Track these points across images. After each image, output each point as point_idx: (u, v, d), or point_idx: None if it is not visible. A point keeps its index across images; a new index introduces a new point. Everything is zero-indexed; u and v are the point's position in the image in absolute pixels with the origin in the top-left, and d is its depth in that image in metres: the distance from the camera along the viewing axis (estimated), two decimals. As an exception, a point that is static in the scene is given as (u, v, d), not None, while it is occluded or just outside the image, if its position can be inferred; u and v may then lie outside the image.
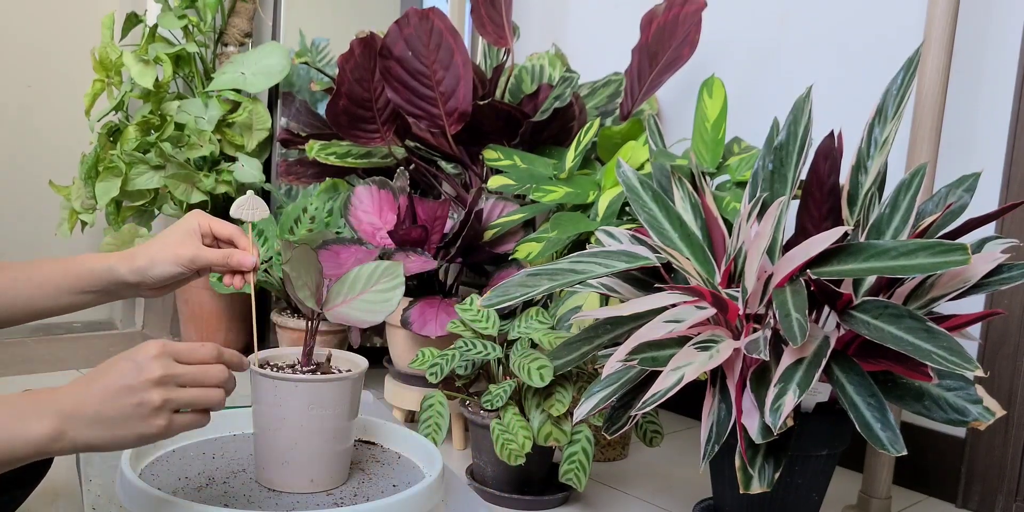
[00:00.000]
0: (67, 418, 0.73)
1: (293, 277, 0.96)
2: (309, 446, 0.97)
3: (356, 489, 1.00)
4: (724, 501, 1.19)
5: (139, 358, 0.76)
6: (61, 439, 0.73)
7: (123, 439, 0.75)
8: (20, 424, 0.72)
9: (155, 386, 0.75)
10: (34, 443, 0.72)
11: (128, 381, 0.75)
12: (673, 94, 1.89)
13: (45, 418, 0.73)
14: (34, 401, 0.74)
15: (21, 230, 2.51)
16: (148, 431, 0.76)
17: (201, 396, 0.78)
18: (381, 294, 1.01)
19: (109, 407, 0.74)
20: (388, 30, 1.63)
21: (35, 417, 0.73)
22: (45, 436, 0.72)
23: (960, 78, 1.46)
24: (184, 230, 0.98)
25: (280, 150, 2.13)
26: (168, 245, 0.96)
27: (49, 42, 2.48)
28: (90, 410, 0.74)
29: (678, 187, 1.20)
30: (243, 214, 1.01)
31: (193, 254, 0.96)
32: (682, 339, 1.03)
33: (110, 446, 0.75)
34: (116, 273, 0.96)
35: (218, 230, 1.00)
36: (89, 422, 0.74)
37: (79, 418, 0.74)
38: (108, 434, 0.75)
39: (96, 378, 0.76)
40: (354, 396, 1.00)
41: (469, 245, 1.62)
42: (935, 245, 0.97)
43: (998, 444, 1.44)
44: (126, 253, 0.97)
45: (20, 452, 0.72)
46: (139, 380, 0.75)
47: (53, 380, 1.93)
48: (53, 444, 0.73)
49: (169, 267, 0.96)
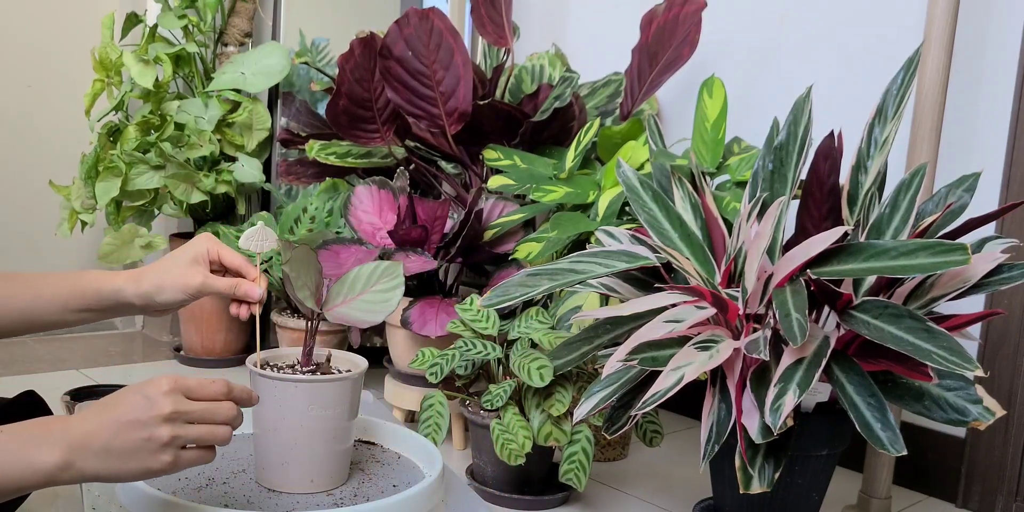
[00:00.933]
0: (76, 449, 0.74)
1: (293, 277, 0.96)
2: (309, 446, 0.97)
3: (356, 489, 1.00)
4: (724, 501, 1.19)
5: (151, 392, 0.77)
6: (69, 469, 0.74)
7: (129, 472, 0.76)
8: (29, 453, 0.73)
9: (165, 422, 0.76)
10: (43, 472, 0.73)
11: (138, 415, 0.76)
12: (673, 94, 1.89)
13: (55, 448, 0.73)
14: (45, 431, 0.75)
15: (21, 230, 2.51)
16: (154, 466, 0.76)
17: (209, 433, 0.79)
18: (381, 294, 1.01)
19: (118, 440, 0.75)
20: (388, 30, 1.63)
21: (45, 447, 0.73)
22: (53, 466, 0.73)
23: (960, 78, 1.46)
24: (192, 256, 0.98)
25: (280, 150, 2.13)
26: (176, 272, 0.97)
27: (49, 42, 2.48)
28: (99, 442, 0.75)
29: (678, 187, 1.20)
30: (252, 245, 1.00)
31: (201, 283, 0.96)
32: (682, 339, 1.03)
33: (117, 478, 0.76)
34: (123, 296, 0.97)
35: (227, 259, 1.00)
36: (97, 454, 0.75)
37: (88, 450, 0.74)
38: (115, 466, 0.75)
39: (107, 410, 0.77)
40: (354, 396, 1.00)
41: (469, 245, 1.62)
42: (935, 245, 0.97)
43: (998, 444, 1.44)
44: (133, 275, 0.97)
45: (28, 481, 0.73)
46: (149, 415, 0.76)
47: (53, 380, 1.93)
48: (61, 474, 0.74)
49: (176, 294, 0.96)
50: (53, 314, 0.97)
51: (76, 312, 0.98)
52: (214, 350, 2.13)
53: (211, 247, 0.99)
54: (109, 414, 0.76)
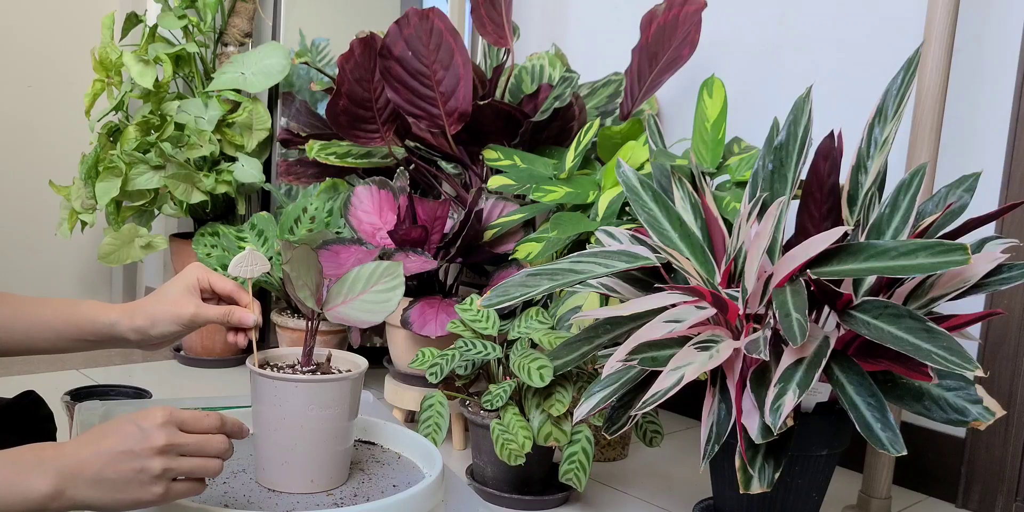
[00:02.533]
0: (67, 477, 0.74)
1: (293, 277, 0.96)
2: (309, 446, 0.96)
3: (356, 489, 1.00)
4: (724, 501, 1.19)
5: (145, 424, 0.77)
6: (60, 498, 0.74)
7: (119, 502, 0.76)
8: (20, 480, 0.73)
9: (157, 454, 0.76)
10: (34, 500, 0.73)
11: (131, 446, 0.76)
12: (673, 94, 1.89)
13: (46, 476, 0.74)
14: (37, 458, 0.75)
15: (21, 230, 2.51)
16: (144, 497, 0.77)
17: (200, 466, 0.79)
18: (381, 294, 1.00)
19: (110, 470, 0.75)
20: (388, 30, 1.63)
21: (37, 475, 0.74)
22: (44, 495, 0.73)
23: (960, 78, 1.46)
24: (183, 286, 0.98)
25: (280, 150, 2.13)
26: (168, 304, 0.96)
27: (49, 42, 2.48)
28: (91, 471, 0.75)
29: (678, 187, 1.20)
30: (242, 271, 0.98)
31: (193, 313, 0.96)
32: (682, 339, 1.03)
33: (107, 507, 0.76)
34: (117, 330, 0.97)
35: (218, 286, 0.99)
36: (88, 483, 0.75)
37: (79, 478, 0.75)
38: (107, 496, 0.76)
39: (101, 439, 0.77)
40: (354, 396, 0.99)
41: (469, 245, 1.62)
42: (935, 245, 0.97)
43: (998, 444, 1.44)
44: (128, 309, 0.97)
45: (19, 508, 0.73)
46: (142, 447, 0.76)
47: (53, 380, 1.93)
48: (51, 502, 0.74)
49: (169, 326, 0.96)
50: (47, 342, 0.98)
51: (70, 341, 0.98)
52: (214, 350, 2.13)
53: (201, 276, 0.98)
54: (103, 444, 0.76)
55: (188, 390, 1.93)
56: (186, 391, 1.92)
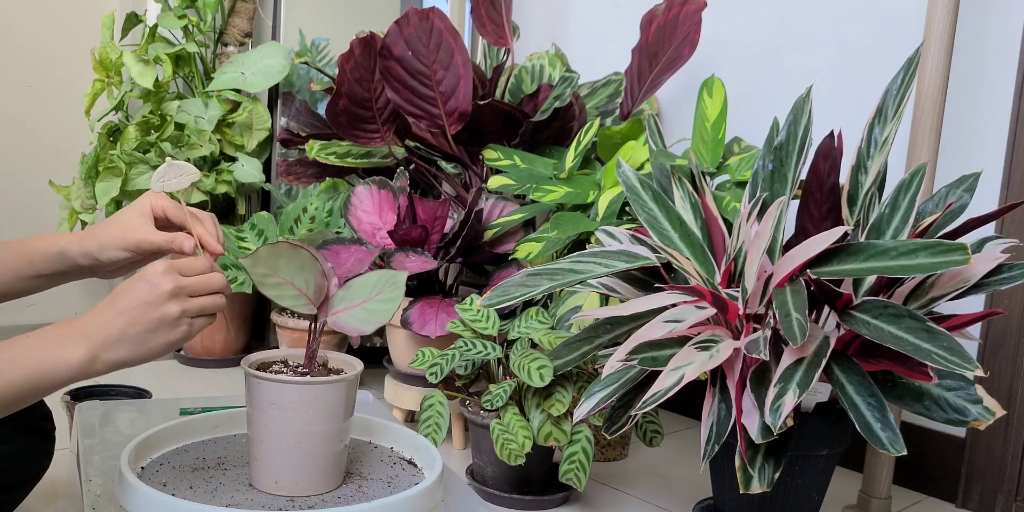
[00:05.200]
0: (96, 343, 0.80)
1: (265, 280, 0.94)
2: (305, 447, 0.96)
3: (356, 489, 1.00)
4: (724, 501, 1.19)
5: (149, 276, 0.83)
6: (96, 362, 0.80)
7: (151, 351, 0.83)
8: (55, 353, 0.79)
9: (171, 298, 0.83)
10: (73, 370, 0.79)
11: (146, 298, 0.82)
12: (673, 94, 1.89)
13: (78, 346, 0.80)
14: (60, 333, 0.81)
15: (21, 230, 2.50)
16: (174, 338, 0.83)
17: (210, 302, 0.86)
18: (383, 303, 1.00)
19: (133, 325, 0.81)
20: (388, 30, 1.63)
21: (69, 345, 0.80)
22: (81, 362, 0.80)
23: (960, 78, 1.46)
24: (136, 212, 0.96)
25: (280, 150, 2.13)
26: (118, 228, 0.95)
27: (49, 42, 2.48)
28: (116, 332, 0.81)
29: (678, 187, 1.20)
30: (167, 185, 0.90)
31: (139, 238, 0.94)
32: (682, 339, 1.03)
33: (143, 359, 0.83)
34: (68, 256, 0.96)
35: (171, 213, 0.97)
36: (117, 342, 0.81)
37: (108, 341, 0.81)
38: (140, 350, 0.82)
39: (114, 302, 0.82)
40: (349, 398, 0.99)
41: (469, 245, 1.62)
42: (935, 245, 0.97)
43: (998, 444, 1.44)
44: (77, 235, 0.97)
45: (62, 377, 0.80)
46: (154, 295, 0.82)
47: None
48: (90, 367, 0.80)
49: (117, 252, 0.95)
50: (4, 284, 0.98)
51: (27, 279, 0.98)
52: (214, 350, 2.13)
53: (155, 202, 0.96)
54: (119, 304, 0.82)
55: (188, 390, 1.93)
56: (186, 391, 1.92)
